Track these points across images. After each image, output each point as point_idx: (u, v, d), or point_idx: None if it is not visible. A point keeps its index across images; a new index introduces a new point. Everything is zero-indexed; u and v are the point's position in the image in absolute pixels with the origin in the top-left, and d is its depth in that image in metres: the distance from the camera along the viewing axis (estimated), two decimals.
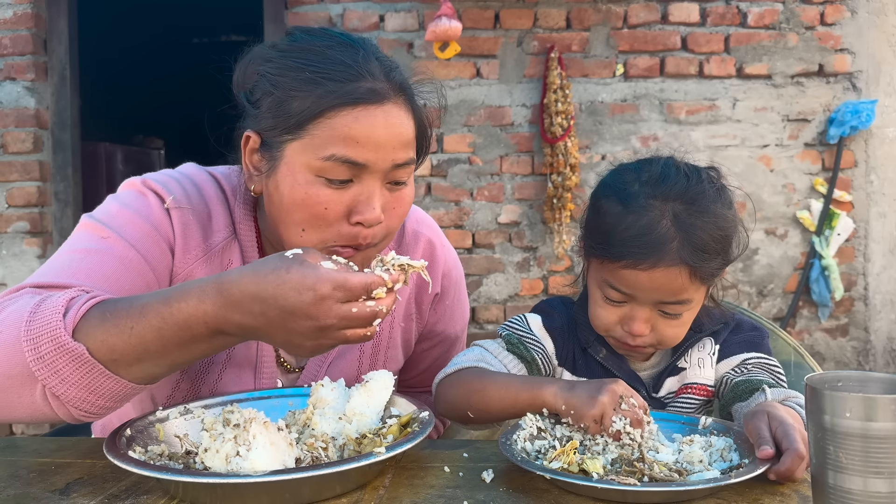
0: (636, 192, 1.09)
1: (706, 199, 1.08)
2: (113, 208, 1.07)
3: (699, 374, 1.17)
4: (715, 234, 1.07)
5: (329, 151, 0.97)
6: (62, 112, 3.73)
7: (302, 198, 0.99)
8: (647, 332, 1.10)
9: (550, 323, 1.23)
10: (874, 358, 3.82)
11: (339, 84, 0.98)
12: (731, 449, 0.93)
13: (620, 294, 1.10)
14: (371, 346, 1.22)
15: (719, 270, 1.11)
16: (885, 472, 0.66)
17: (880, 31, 3.79)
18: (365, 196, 0.99)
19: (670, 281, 1.06)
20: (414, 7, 3.70)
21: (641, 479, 0.84)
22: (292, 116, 0.98)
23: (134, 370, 0.86)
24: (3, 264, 3.68)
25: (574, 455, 0.88)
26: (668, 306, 1.09)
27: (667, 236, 1.05)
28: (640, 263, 1.05)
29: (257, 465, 0.79)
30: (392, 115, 1.00)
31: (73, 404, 0.85)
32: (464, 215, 3.76)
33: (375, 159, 0.99)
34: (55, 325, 0.83)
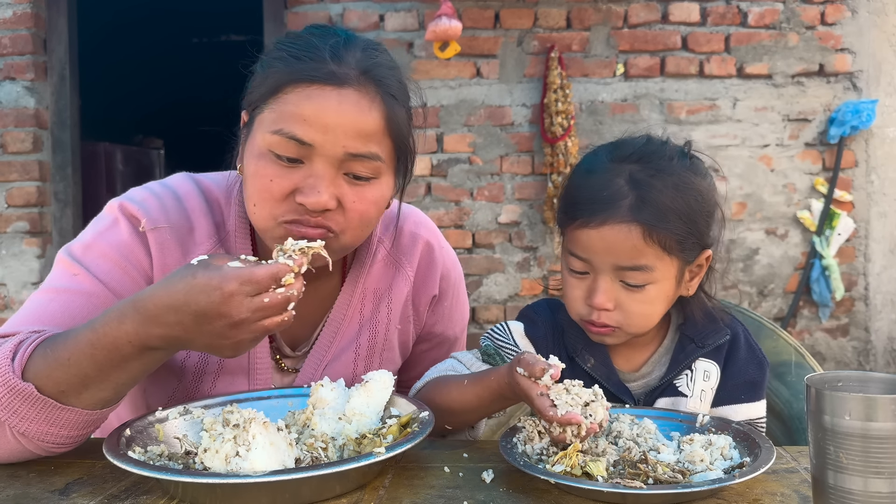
0: (598, 159, 1.09)
1: (664, 159, 1.05)
2: (88, 239, 1.09)
3: (698, 407, 1.10)
4: (673, 196, 1.02)
5: (278, 126, 0.98)
6: (62, 112, 3.73)
7: (254, 169, 1.01)
8: (610, 305, 1.05)
9: (533, 331, 1.17)
10: (874, 358, 3.82)
11: (302, 63, 0.99)
12: (731, 447, 0.93)
13: (580, 261, 1.06)
14: (367, 348, 1.22)
15: (687, 242, 1.04)
16: (885, 473, 0.66)
17: (881, 30, 3.79)
18: (312, 179, 0.98)
19: (621, 240, 1.01)
20: (414, 7, 3.70)
21: (646, 481, 0.84)
22: (260, 91, 1.02)
23: (84, 398, 0.91)
24: (3, 264, 3.68)
25: (577, 457, 0.88)
26: (627, 273, 1.03)
27: (619, 193, 1.02)
28: (591, 221, 1.03)
29: (257, 465, 0.79)
30: (349, 101, 0.98)
31: (40, 438, 0.91)
32: (464, 215, 3.76)
33: (323, 141, 0.97)
34: (4, 369, 0.89)
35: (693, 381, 1.11)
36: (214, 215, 1.14)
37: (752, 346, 1.15)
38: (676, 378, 1.11)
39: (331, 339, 1.19)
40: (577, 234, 1.05)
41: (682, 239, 1.03)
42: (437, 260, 1.27)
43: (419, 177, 3.73)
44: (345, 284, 1.20)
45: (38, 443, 0.91)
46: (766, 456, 0.86)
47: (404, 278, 1.23)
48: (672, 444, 0.96)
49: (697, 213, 1.05)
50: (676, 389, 1.11)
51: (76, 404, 0.90)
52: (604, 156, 1.09)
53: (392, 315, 1.23)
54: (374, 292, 1.22)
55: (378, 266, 1.22)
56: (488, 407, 1.04)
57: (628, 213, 1.01)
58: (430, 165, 3.74)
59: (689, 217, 1.03)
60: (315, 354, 1.19)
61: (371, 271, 1.21)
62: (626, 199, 1.02)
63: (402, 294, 1.23)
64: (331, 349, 1.20)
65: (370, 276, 1.21)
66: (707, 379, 1.11)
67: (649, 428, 0.98)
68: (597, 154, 1.11)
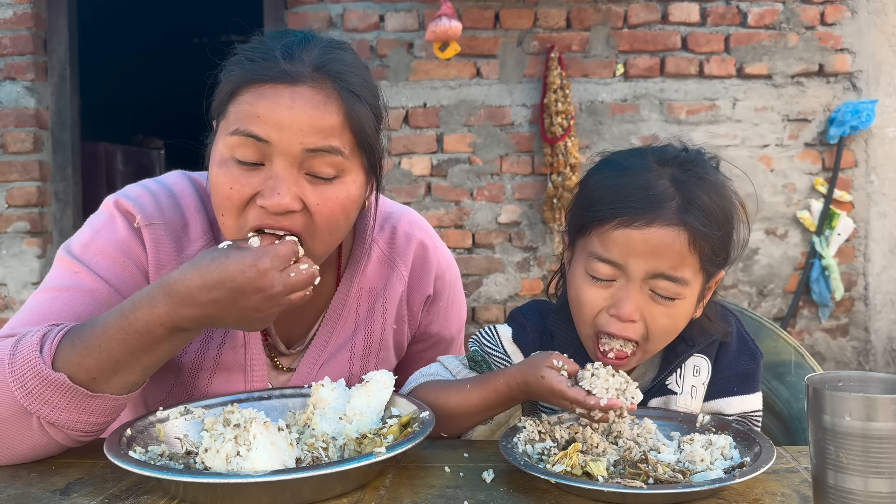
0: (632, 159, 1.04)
1: (704, 167, 1.02)
2: (86, 237, 1.10)
3: (689, 404, 1.07)
4: (716, 202, 0.99)
5: (234, 126, 0.97)
6: (62, 112, 3.73)
7: (214, 178, 1.00)
8: (637, 316, 0.98)
9: (521, 337, 1.14)
10: (874, 358, 3.82)
11: (255, 64, 0.99)
12: (731, 446, 0.93)
13: (609, 266, 0.99)
14: (363, 348, 1.22)
15: (718, 257, 1.01)
16: (885, 472, 0.66)
17: (880, 30, 3.79)
18: (272, 180, 0.96)
19: (668, 244, 0.96)
20: (414, 7, 3.70)
21: (646, 481, 0.84)
22: (219, 98, 1.03)
23: (113, 383, 0.94)
24: (3, 264, 3.68)
25: (577, 457, 0.88)
26: (662, 282, 0.97)
27: (666, 194, 0.97)
28: (636, 219, 0.96)
29: (257, 465, 0.79)
30: (303, 97, 0.97)
31: (69, 427, 0.93)
32: (464, 215, 3.76)
33: (279, 138, 0.96)
34: (35, 361, 0.91)
35: (682, 377, 1.08)
36: (209, 212, 1.14)
37: (745, 338, 1.12)
38: (667, 378, 1.09)
39: (327, 338, 1.20)
40: (613, 236, 0.98)
41: (716, 252, 1.00)
42: (432, 260, 1.26)
43: (419, 177, 3.73)
44: (340, 284, 1.20)
45: (67, 432, 0.93)
46: (767, 456, 0.86)
47: (399, 278, 1.23)
48: (672, 444, 0.96)
49: (731, 225, 1.02)
50: (666, 388, 1.09)
51: (106, 390, 0.93)
52: (638, 157, 1.04)
53: (387, 315, 1.23)
54: (370, 292, 1.22)
55: (373, 266, 1.22)
56: (492, 410, 1.04)
57: (676, 215, 0.96)
58: (430, 165, 3.74)
59: (726, 228, 1.01)
60: (311, 353, 1.19)
61: (366, 271, 1.21)
62: (674, 201, 0.97)
63: (396, 294, 1.23)
64: (327, 348, 1.20)
65: (365, 275, 1.21)
66: (697, 374, 1.09)
67: (649, 428, 0.98)
68: (626, 157, 1.06)
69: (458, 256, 3.74)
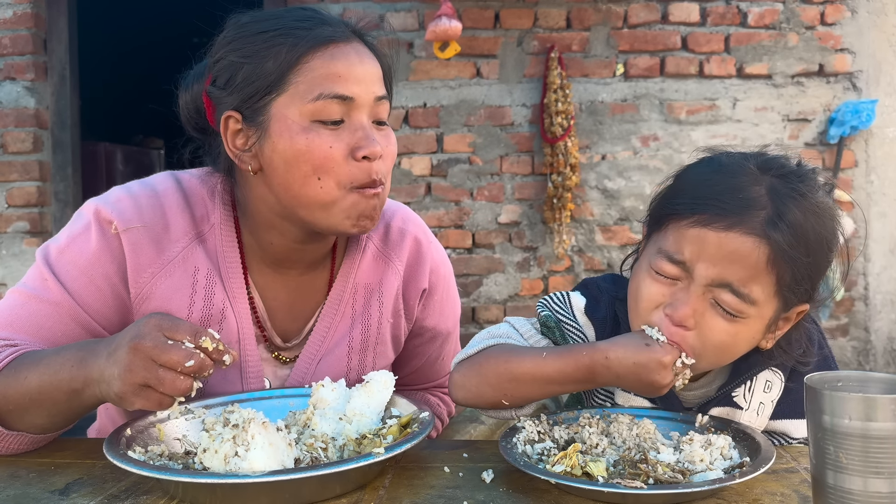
0: (734, 160, 0.95)
1: (811, 186, 0.91)
2: (62, 243, 1.11)
3: (754, 420, 1.00)
4: (813, 224, 0.89)
5: (316, 92, 1.01)
6: (62, 112, 3.73)
7: (305, 145, 1.01)
8: (692, 322, 0.91)
9: (594, 311, 1.07)
10: (874, 358, 3.82)
11: (306, 31, 1.03)
12: (730, 446, 0.93)
13: (675, 266, 0.92)
14: (360, 342, 1.23)
15: (799, 289, 0.92)
16: (885, 473, 0.66)
17: (880, 30, 3.79)
18: (361, 132, 1.03)
19: (744, 254, 0.88)
20: (414, 7, 3.70)
21: (646, 481, 0.84)
22: (271, 74, 1.02)
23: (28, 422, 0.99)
24: (3, 264, 3.69)
25: (577, 458, 0.88)
26: (727, 295, 0.90)
27: (756, 201, 0.88)
28: (716, 221, 0.88)
29: (255, 465, 0.79)
30: (359, 51, 1.06)
31: None
32: (464, 215, 3.76)
33: (360, 91, 1.03)
34: None
35: (751, 391, 1.01)
36: (196, 210, 1.15)
37: (827, 357, 1.03)
38: (735, 388, 1.01)
39: (324, 333, 1.20)
40: (687, 233, 0.91)
41: (798, 279, 0.91)
42: (426, 255, 1.28)
43: (419, 177, 3.73)
44: (336, 279, 1.21)
45: None
46: (766, 456, 0.86)
47: (394, 272, 1.24)
48: (670, 444, 0.96)
49: (825, 255, 0.93)
50: (732, 400, 1.01)
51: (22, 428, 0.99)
52: (741, 158, 0.96)
53: (384, 309, 1.24)
54: (366, 287, 1.23)
55: (368, 261, 1.23)
56: (566, 385, 0.97)
57: (761, 227, 0.88)
58: (430, 165, 3.74)
59: (817, 255, 0.91)
60: (309, 348, 1.20)
61: (361, 266, 1.22)
62: (763, 211, 0.88)
63: (392, 288, 1.24)
64: (325, 343, 1.20)
65: (360, 270, 1.22)
66: (768, 390, 1.00)
67: (648, 428, 0.97)
68: (730, 157, 0.98)
69: (458, 256, 3.74)
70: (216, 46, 1.09)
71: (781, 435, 1.02)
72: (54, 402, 0.95)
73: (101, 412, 1.32)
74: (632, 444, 0.95)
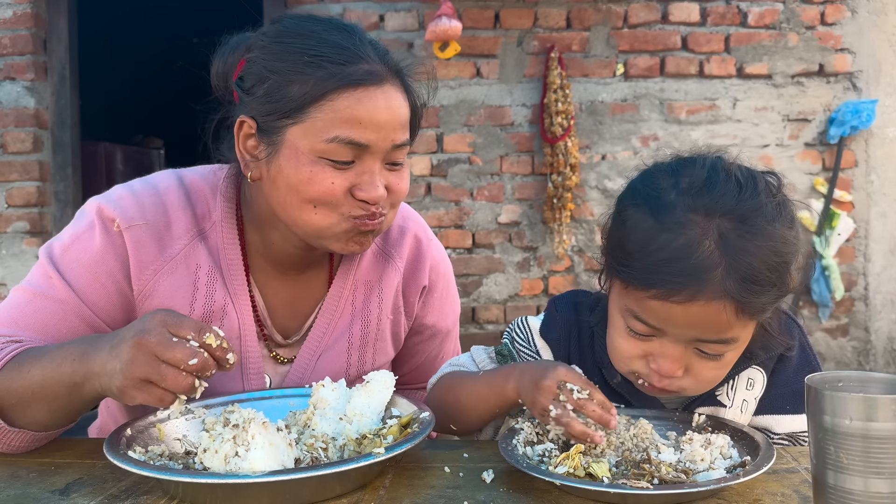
0: (672, 203, 0.89)
1: (763, 216, 0.87)
2: (66, 241, 1.12)
3: (738, 418, 1.01)
4: (770, 262, 0.86)
5: (332, 133, 1.00)
6: (62, 112, 3.73)
7: (308, 177, 1.02)
8: (680, 373, 0.92)
9: (548, 332, 1.10)
10: (874, 358, 3.82)
11: (339, 66, 1.00)
12: (729, 445, 0.93)
13: (648, 327, 0.92)
14: (360, 338, 1.23)
15: (772, 304, 0.91)
16: (885, 473, 0.66)
17: (880, 30, 3.79)
18: (367, 175, 1.03)
19: (711, 318, 0.87)
20: (414, 7, 3.70)
21: (651, 481, 0.84)
22: (293, 100, 1.01)
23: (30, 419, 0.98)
24: (3, 264, 3.68)
25: (579, 459, 0.87)
26: (707, 345, 0.91)
27: (709, 262, 0.85)
28: (674, 294, 0.86)
29: (255, 465, 0.79)
30: (391, 97, 1.04)
31: None
32: (464, 215, 3.76)
33: (377, 140, 1.02)
34: None
35: (734, 389, 1.02)
36: (197, 207, 1.15)
37: (807, 352, 1.04)
38: (718, 388, 1.02)
39: (324, 328, 1.21)
40: (650, 304, 0.89)
41: (770, 304, 0.90)
42: (426, 252, 1.29)
43: (419, 177, 3.73)
44: (336, 276, 1.22)
45: None
46: (767, 454, 0.86)
47: (394, 269, 1.25)
48: (668, 443, 0.96)
49: (789, 273, 0.90)
50: (715, 398, 1.02)
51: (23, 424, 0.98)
52: (679, 201, 0.89)
53: (383, 305, 1.25)
54: (366, 284, 1.24)
55: (368, 259, 1.24)
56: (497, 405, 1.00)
57: (720, 288, 0.85)
58: (430, 165, 3.74)
59: (782, 280, 0.89)
60: (309, 344, 1.20)
61: (361, 263, 1.23)
62: (718, 269, 0.85)
63: (392, 284, 1.25)
64: (325, 339, 1.21)
65: (361, 267, 1.23)
66: (750, 388, 1.01)
67: (645, 428, 0.97)
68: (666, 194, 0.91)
69: (458, 256, 3.74)
70: (256, 37, 1.08)
71: (764, 430, 1.03)
72: (55, 395, 0.95)
73: (103, 410, 1.32)
74: (630, 444, 0.95)
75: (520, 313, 3.70)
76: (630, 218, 0.93)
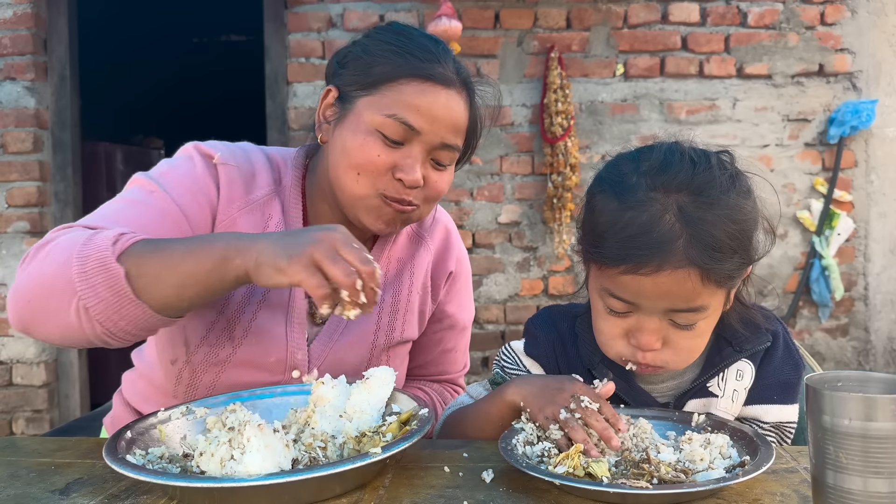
0: (634, 185, 0.96)
1: (716, 187, 0.94)
2: (164, 169, 1.19)
3: (729, 408, 1.05)
4: (729, 229, 0.93)
5: (393, 110, 1.12)
6: (62, 112, 3.73)
7: (361, 143, 1.13)
8: (658, 345, 0.98)
9: (534, 349, 1.15)
10: (874, 358, 3.82)
11: (418, 60, 1.14)
12: (728, 445, 0.93)
13: (623, 303, 0.98)
14: (390, 305, 1.31)
15: (739, 270, 0.97)
16: (884, 472, 0.66)
17: (880, 30, 3.79)
18: (410, 160, 1.12)
19: (679, 286, 0.93)
20: (414, 7, 3.70)
21: (650, 481, 0.84)
22: (372, 76, 1.14)
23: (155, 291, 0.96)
24: (3, 264, 3.68)
25: (579, 458, 0.88)
26: (680, 315, 0.97)
27: (671, 234, 0.92)
28: (642, 267, 0.92)
29: (251, 468, 0.79)
30: (453, 100, 1.15)
31: (100, 321, 0.96)
32: (464, 215, 3.76)
33: (428, 130, 1.13)
34: (104, 248, 0.96)
35: (724, 380, 1.07)
36: (273, 172, 1.26)
37: (790, 347, 1.10)
38: (709, 380, 1.07)
39: None
40: (621, 280, 0.96)
41: (733, 272, 0.96)
42: (454, 242, 1.42)
43: None
44: (373, 251, 1.31)
45: (96, 324, 0.96)
46: (767, 453, 0.86)
47: (426, 250, 1.36)
48: (668, 443, 0.96)
49: (748, 239, 0.97)
50: (707, 390, 1.07)
51: (146, 298, 0.96)
52: (641, 182, 0.97)
53: (414, 279, 1.34)
54: (399, 260, 1.33)
55: (403, 239, 1.34)
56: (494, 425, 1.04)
57: (683, 257, 0.92)
58: None
59: (743, 247, 0.96)
60: None
61: (397, 243, 1.33)
62: (680, 240, 0.92)
63: (424, 263, 1.35)
64: None
65: (395, 246, 1.33)
66: (740, 378, 1.06)
67: (645, 428, 0.97)
68: (629, 178, 0.98)
69: None
70: (363, 34, 1.23)
71: (753, 420, 1.07)
72: (196, 268, 0.95)
73: (116, 400, 1.37)
74: (630, 444, 0.95)
75: (520, 313, 3.71)
76: (598, 204, 1.01)
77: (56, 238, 1.02)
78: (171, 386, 1.22)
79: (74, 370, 3.77)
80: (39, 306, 0.98)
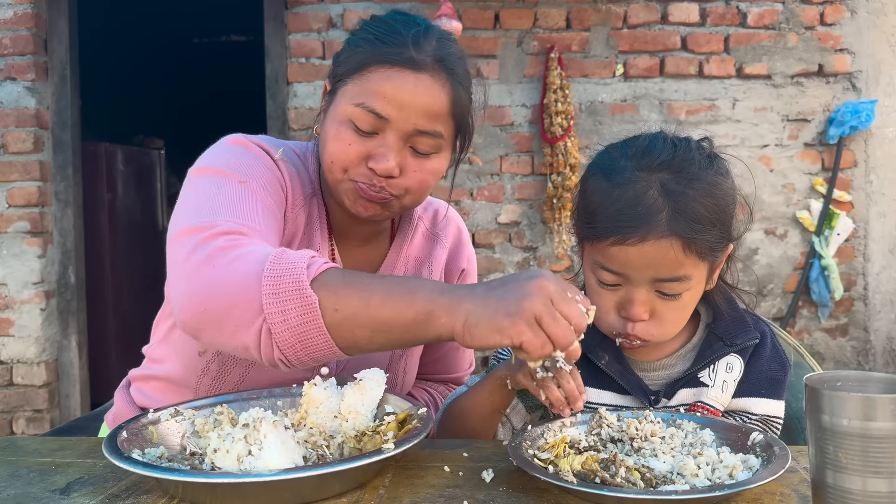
0: (622, 167, 1.06)
1: (695, 166, 1.04)
2: (232, 160, 1.13)
3: (719, 398, 1.11)
4: (707, 203, 1.02)
5: (360, 99, 1.10)
6: (62, 112, 3.73)
7: (334, 133, 1.13)
8: (646, 316, 1.05)
9: None
10: (874, 358, 3.82)
11: (386, 46, 1.11)
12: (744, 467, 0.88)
13: (613, 275, 1.05)
14: None
15: (719, 245, 1.06)
16: (884, 472, 0.66)
17: (880, 31, 3.79)
18: (383, 147, 1.10)
19: (662, 254, 1.01)
20: (414, 7, 3.70)
21: (594, 480, 0.85)
22: (347, 66, 1.14)
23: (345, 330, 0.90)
24: (4, 264, 3.68)
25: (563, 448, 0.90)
26: (665, 284, 1.04)
27: (654, 206, 1.01)
28: (629, 238, 1.00)
29: (270, 463, 0.80)
30: (423, 84, 1.10)
31: (280, 346, 0.90)
32: (464, 215, 3.76)
33: (397, 117, 1.10)
34: (299, 271, 0.90)
35: (715, 371, 1.12)
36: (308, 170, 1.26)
37: (777, 347, 1.16)
38: (699, 371, 1.12)
39: None
40: (610, 251, 1.03)
41: (714, 245, 1.04)
42: (465, 242, 1.44)
43: None
44: (391, 249, 1.33)
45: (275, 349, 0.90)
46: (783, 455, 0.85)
47: (442, 247, 1.38)
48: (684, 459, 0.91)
49: (727, 215, 1.06)
50: (698, 380, 1.12)
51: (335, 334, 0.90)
52: (628, 164, 1.06)
53: (432, 277, 1.35)
54: (416, 259, 1.35)
55: (419, 238, 1.36)
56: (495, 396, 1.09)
57: (666, 228, 1.00)
58: None
59: (721, 221, 1.05)
60: None
61: (413, 241, 1.35)
62: (663, 213, 1.00)
63: (440, 261, 1.37)
64: None
65: (413, 245, 1.35)
66: (729, 371, 1.12)
67: (705, 440, 0.96)
68: (617, 161, 1.08)
69: None
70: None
71: (742, 412, 1.12)
72: (396, 316, 0.89)
73: (119, 397, 1.34)
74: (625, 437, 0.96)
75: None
76: (590, 186, 1.10)
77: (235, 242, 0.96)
78: (194, 378, 1.18)
79: (75, 370, 3.77)
80: (216, 319, 0.92)
